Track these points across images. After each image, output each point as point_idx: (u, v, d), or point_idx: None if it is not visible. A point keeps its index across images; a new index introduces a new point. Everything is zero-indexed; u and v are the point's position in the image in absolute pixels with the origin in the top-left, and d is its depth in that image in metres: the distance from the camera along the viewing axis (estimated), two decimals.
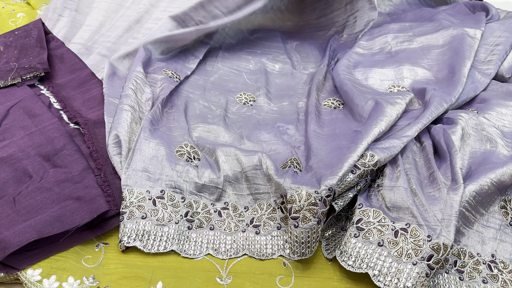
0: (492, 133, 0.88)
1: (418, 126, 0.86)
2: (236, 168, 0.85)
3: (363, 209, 0.76)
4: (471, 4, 1.32)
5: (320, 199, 0.73)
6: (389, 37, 1.21)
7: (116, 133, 0.85)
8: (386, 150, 0.80)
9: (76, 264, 0.71)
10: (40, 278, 0.68)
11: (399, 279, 0.67)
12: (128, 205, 0.76)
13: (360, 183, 0.80)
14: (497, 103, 0.96)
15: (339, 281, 0.74)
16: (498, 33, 1.18)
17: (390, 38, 1.20)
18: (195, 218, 0.80)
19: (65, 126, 0.93)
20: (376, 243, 0.71)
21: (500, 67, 1.11)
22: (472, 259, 0.75)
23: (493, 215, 0.79)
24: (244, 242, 0.78)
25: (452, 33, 1.14)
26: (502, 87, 1.06)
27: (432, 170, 0.82)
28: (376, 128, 0.83)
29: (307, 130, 0.94)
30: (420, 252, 0.68)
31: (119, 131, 0.86)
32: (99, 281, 0.70)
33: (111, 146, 0.85)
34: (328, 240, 0.80)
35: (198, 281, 0.72)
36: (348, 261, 0.71)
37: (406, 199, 0.74)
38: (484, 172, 0.78)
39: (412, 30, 1.22)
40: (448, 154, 0.83)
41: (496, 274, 0.73)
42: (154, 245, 0.75)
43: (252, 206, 0.83)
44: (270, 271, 0.74)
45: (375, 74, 1.10)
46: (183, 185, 0.82)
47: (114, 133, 0.86)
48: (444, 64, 1.09)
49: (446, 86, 1.00)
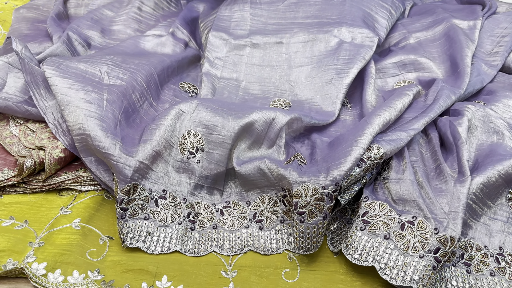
0: (499, 125, 0.87)
1: (426, 119, 0.85)
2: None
3: (369, 202, 0.75)
4: None
5: (327, 195, 0.72)
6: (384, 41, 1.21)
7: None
8: (392, 143, 0.79)
9: (80, 258, 0.71)
10: (45, 272, 0.68)
11: (406, 272, 0.66)
12: (130, 201, 0.76)
13: (366, 176, 0.79)
14: (504, 95, 0.95)
15: (345, 275, 0.73)
16: (504, 24, 1.16)
17: (386, 43, 1.21)
18: (197, 219, 0.80)
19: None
20: (382, 236, 0.71)
21: (506, 58, 1.10)
22: (479, 252, 0.74)
23: (500, 207, 0.78)
24: (248, 238, 0.78)
25: (447, 25, 1.14)
26: (509, 78, 1.05)
27: (438, 163, 0.81)
28: (381, 118, 0.82)
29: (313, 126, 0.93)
30: (427, 245, 0.67)
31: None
32: (104, 275, 0.70)
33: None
34: (334, 233, 0.79)
35: (203, 274, 0.72)
36: (354, 254, 0.71)
37: (412, 191, 0.74)
38: (491, 164, 0.77)
39: (406, 27, 1.22)
40: (454, 146, 0.82)
41: (503, 267, 0.72)
42: (158, 246, 0.75)
43: (254, 201, 0.83)
44: (276, 265, 0.74)
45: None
46: (184, 188, 0.82)
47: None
48: (445, 56, 1.08)
49: (453, 79, 1.00)
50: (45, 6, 1.31)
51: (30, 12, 1.27)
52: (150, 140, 0.80)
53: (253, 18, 1.18)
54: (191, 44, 1.20)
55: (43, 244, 0.72)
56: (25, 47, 0.90)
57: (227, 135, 0.82)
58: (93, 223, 0.77)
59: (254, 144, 0.85)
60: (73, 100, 0.81)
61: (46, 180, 0.83)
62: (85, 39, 1.13)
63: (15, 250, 0.70)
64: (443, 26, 1.15)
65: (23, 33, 1.17)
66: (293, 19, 1.17)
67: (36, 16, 1.26)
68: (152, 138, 0.80)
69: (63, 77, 0.84)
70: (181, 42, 1.17)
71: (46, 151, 0.82)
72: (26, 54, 0.89)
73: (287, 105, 1.02)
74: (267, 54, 1.11)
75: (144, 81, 0.94)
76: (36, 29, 1.20)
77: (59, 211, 0.79)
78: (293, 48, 1.10)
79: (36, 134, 0.87)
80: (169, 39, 1.17)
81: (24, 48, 0.90)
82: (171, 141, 0.81)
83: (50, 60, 0.89)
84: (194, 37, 1.24)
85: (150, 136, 0.81)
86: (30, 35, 1.16)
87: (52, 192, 0.83)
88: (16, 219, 0.76)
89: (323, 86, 1.01)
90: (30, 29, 1.19)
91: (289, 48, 1.11)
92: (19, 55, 0.87)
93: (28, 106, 0.87)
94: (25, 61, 0.86)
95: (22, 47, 0.90)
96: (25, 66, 0.86)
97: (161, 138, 0.80)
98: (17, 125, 0.90)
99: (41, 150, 0.84)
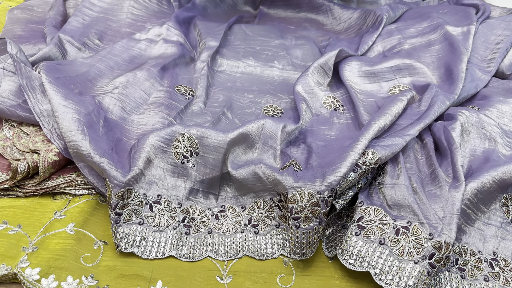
0: (492, 132, 0.88)
1: (421, 125, 0.86)
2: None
3: (364, 207, 0.76)
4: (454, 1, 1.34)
5: (323, 200, 0.72)
6: (379, 46, 1.22)
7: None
8: (387, 148, 0.79)
9: (74, 263, 0.70)
10: (39, 277, 0.67)
11: (401, 277, 0.67)
12: (124, 206, 0.75)
13: (361, 181, 0.79)
14: (497, 100, 0.96)
15: (340, 280, 0.73)
16: (498, 31, 1.18)
17: (381, 47, 1.21)
18: (192, 224, 0.79)
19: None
20: (377, 241, 0.71)
21: (500, 64, 1.11)
22: (473, 257, 0.74)
23: (494, 212, 0.79)
24: (244, 243, 0.78)
25: (441, 32, 1.14)
26: (503, 84, 1.06)
27: (433, 168, 0.81)
28: (376, 124, 0.83)
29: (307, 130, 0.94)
30: (422, 250, 0.68)
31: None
32: (98, 280, 0.69)
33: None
34: (329, 238, 0.79)
35: (198, 280, 0.71)
36: (349, 259, 0.71)
37: (407, 196, 0.74)
38: (486, 170, 0.78)
39: (401, 33, 1.23)
40: (449, 151, 0.83)
41: (497, 272, 0.73)
42: (152, 251, 0.74)
43: (249, 205, 0.83)
44: (271, 270, 0.74)
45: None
46: (180, 193, 0.81)
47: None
48: (440, 62, 1.09)
49: (447, 85, 1.01)
50: (39, 7, 1.30)
51: (24, 13, 1.26)
52: (143, 145, 0.80)
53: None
54: (186, 45, 1.20)
55: (37, 249, 0.71)
56: (20, 50, 0.90)
57: (221, 140, 0.81)
58: (88, 227, 0.77)
59: (248, 147, 0.86)
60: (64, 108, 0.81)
61: (40, 184, 0.82)
62: (78, 41, 1.12)
63: (8, 255, 0.69)
64: (438, 32, 1.16)
65: (17, 34, 1.16)
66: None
67: (30, 17, 1.25)
68: (145, 142, 0.80)
69: (57, 85, 0.85)
70: (175, 43, 1.17)
71: (40, 155, 0.81)
72: (20, 58, 0.88)
73: (279, 112, 1.03)
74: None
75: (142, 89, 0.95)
76: (30, 30, 1.19)
77: (53, 215, 0.78)
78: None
79: (30, 137, 0.86)
80: (162, 41, 1.17)
81: (19, 51, 0.89)
82: (164, 146, 0.81)
83: (47, 66, 0.89)
84: (188, 39, 1.25)
85: (143, 141, 0.81)
86: (24, 36, 1.15)
87: (46, 196, 0.82)
88: (9, 224, 0.75)
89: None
90: (24, 30, 1.19)
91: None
92: (14, 58, 0.86)
93: (21, 111, 0.86)
94: (21, 64, 0.86)
95: (17, 50, 0.89)
96: (21, 69, 0.86)
97: (155, 143, 0.80)
98: (11, 128, 0.89)
99: (35, 153, 0.83)
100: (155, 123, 0.91)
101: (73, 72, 0.96)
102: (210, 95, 1.07)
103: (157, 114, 0.93)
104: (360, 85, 1.08)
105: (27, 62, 0.90)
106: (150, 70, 1.02)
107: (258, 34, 1.37)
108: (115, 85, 0.97)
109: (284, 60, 1.25)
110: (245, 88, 1.13)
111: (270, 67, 1.22)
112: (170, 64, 1.09)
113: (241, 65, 1.21)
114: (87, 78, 0.98)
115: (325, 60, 1.08)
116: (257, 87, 1.14)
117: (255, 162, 0.82)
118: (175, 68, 1.10)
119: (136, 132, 0.90)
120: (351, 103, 1.03)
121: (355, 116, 0.98)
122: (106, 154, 0.78)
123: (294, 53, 1.29)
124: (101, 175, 0.80)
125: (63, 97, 0.84)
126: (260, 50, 1.29)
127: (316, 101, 1.03)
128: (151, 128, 0.89)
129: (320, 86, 1.06)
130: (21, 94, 0.88)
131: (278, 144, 0.85)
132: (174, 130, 0.82)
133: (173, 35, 1.20)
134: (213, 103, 1.04)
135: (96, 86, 0.98)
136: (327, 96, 1.04)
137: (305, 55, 1.29)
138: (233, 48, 1.28)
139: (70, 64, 0.99)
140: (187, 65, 1.15)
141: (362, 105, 0.99)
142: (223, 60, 1.22)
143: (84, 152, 0.77)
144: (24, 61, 0.89)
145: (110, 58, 1.06)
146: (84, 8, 1.23)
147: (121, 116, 0.92)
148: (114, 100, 0.93)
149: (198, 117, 0.96)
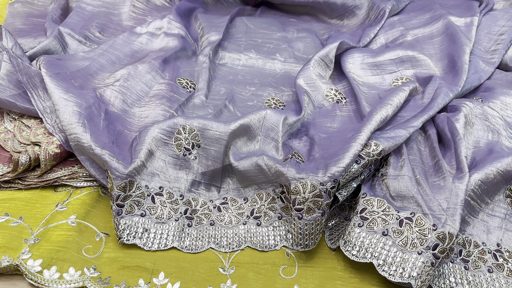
0: (495, 124, 0.87)
1: (424, 117, 0.85)
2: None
3: (367, 198, 0.75)
4: None
5: (325, 191, 0.72)
6: (381, 38, 1.21)
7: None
8: (391, 139, 0.79)
9: (76, 255, 0.70)
10: (41, 269, 0.67)
11: (404, 268, 0.66)
12: (126, 198, 0.75)
13: (364, 173, 0.79)
14: (501, 92, 0.95)
15: (343, 271, 0.73)
16: (502, 22, 1.17)
17: (383, 39, 1.21)
18: (195, 216, 0.79)
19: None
20: (380, 232, 0.70)
21: (504, 56, 1.10)
22: (477, 248, 0.74)
23: (498, 204, 0.78)
24: (246, 234, 0.77)
25: (444, 22, 1.14)
26: (507, 76, 1.05)
27: (437, 159, 0.81)
28: (378, 115, 0.82)
29: (309, 123, 0.93)
30: (425, 241, 0.67)
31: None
32: (100, 272, 0.69)
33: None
34: (332, 230, 0.79)
35: (200, 271, 0.71)
36: (352, 250, 0.70)
37: (410, 188, 0.73)
38: (490, 161, 0.77)
39: (403, 24, 1.22)
40: (452, 142, 0.82)
41: (501, 263, 0.72)
42: (155, 243, 0.74)
43: (251, 197, 0.82)
44: (274, 261, 0.74)
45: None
46: (182, 185, 0.81)
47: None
48: (443, 53, 1.08)
49: (451, 77, 1.00)
50: (40, 1, 1.30)
51: (25, 6, 1.25)
52: (144, 137, 0.80)
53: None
54: (187, 38, 1.20)
55: (39, 241, 0.71)
56: (15, 44, 0.87)
57: (223, 131, 0.81)
58: (89, 219, 0.77)
59: (250, 139, 0.85)
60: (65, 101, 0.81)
61: (42, 176, 0.82)
62: (79, 33, 1.11)
63: (10, 246, 0.69)
64: (440, 23, 1.15)
65: (17, 28, 1.16)
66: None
67: (31, 10, 1.25)
68: (146, 134, 0.80)
69: (57, 80, 0.85)
70: (176, 36, 1.16)
71: (41, 147, 0.81)
72: (16, 52, 0.86)
73: (281, 105, 1.03)
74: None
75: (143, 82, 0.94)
76: (31, 24, 1.18)
77: (55, 207, 0.78)
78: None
79: (31, 129, 0.86)
80: (163, 34, 1.16)
81: (15, 45, 0.87)
82: (166, 138, 0.81)
83: (48, 61, 0.88)
84: (189, 31, 1.24)
85: (145, 133, 0.80)
86: (25, 30, 1.15)
87: (48, 188, 0.82)
88: (11, 216, 0.75)
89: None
90: (24, 23, 1.18)
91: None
92: (10, 53, 0.84)
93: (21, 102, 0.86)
94: (18, 60, 0.84)
95: (13, 44, 0.87)
96: (18, 65, 0.84)
97: (157, 135, 0.80)
98: (12, 121, 0.89)
99: (36, 145, 0.83)
100: (156, 115, 0.91)
101: (74, 67, 0.96)
102: (212, 88, 1.06)
103: (158, 106, 0.93)
104: (362, 77, 1.07)
105: (23, 56, 0.88)
106: (151, 63, 1.02)
107: (259, 27, 1.36)
108: (116, 78, 0.97)
109: (286, 53, 1.24)
110: (247, 81, 1.13)
111: (272, 60, 1.21)
112: (172, 57, 1.08)
113: (242, 58, 1.21)
114: (88, 73, 0.97)
115: (325, 52, 1.07)
116: (259, 80, 1.13)
117: (257, 153, 0.82)
118: (176, 61, 1.09)
119: (138, 124, 0.90)
120: (354, 95, 1.02)
121: (357, 109, 0.98)
122: (107, 146, 0.78)
123: (296, 46, 1.29)
124: (103, 167, 0.79)
125: (63, 90, 0.83)
126: (262, 43, 1.28)
127: (318, 93, 1.02)
128: (152, 121, 0.89)
129: (322, 78, 1.05)
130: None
131: (280, 136, 0.84)
132: (176, 122, 0.82)
133: (174, 28, 1.19)
134: (215, 96, 1.03)
135: (97, 80, 0.97)
136: (329, 89, 1.04)
137: (307, 48, 1.29)
138: (234, 41, 1.27)
139: (71, 58, 0.98)
140: (188, 58, 1.14)
141: (365, 98, 0.98)
142: (225, 53, 1.21)
143: (85, 145, 0.77)
144: (20, 55, 0.88)
145: (111, 52, 1.06)
146: (84, 2, 1.23)
147: (123, 108, 0.92)
148: (115, 92, 0.93)
149: (200, 110, 0.96)
